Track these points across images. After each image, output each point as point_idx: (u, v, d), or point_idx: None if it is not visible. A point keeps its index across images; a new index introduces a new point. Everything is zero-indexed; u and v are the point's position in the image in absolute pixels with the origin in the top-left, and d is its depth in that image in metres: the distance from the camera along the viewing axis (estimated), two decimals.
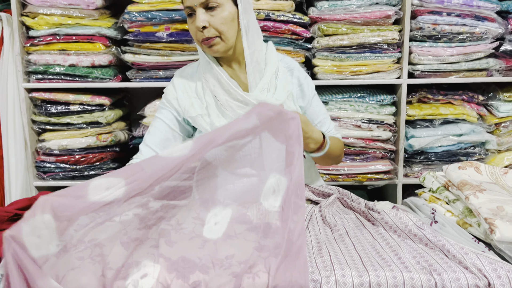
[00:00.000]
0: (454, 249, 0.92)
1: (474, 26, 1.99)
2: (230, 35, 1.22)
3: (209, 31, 1.20)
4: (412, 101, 2.11)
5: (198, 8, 1.19)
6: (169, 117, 1.35)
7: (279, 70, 1.31)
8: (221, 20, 1.19)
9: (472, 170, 1.28)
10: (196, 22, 1.18)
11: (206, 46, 1.22)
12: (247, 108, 1.22)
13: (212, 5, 1.18)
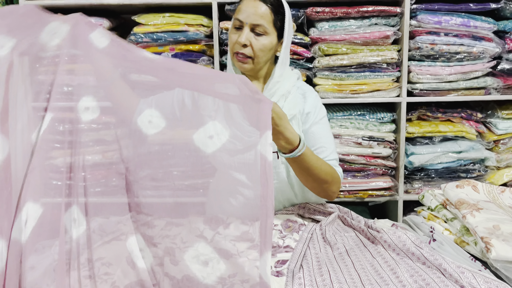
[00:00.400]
0: (450, 268, 0.94)
1: (471, 45, 2.04)
2: (262, 61, 1.34)
3: (247, 50, 1.31)
4: (412, 119, 2.15)
5: (247, 27, 1.30)
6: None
7: (290, 93, 1.38)
8: (261, 46, 1.30)
9: (469, 189, 1.30)
10: (240, 38, 1.29)
11: (237, 60, 1.33)
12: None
13: (260, 31, 1.30)
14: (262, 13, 1.29)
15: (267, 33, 1.31)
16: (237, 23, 1.32)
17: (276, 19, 1.32)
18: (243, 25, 1.31)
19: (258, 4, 1.29)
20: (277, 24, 1.33)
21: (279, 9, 1.33)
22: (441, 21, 2.01)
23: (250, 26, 1.30)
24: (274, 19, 1.32)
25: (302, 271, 0.97)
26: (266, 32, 1.31)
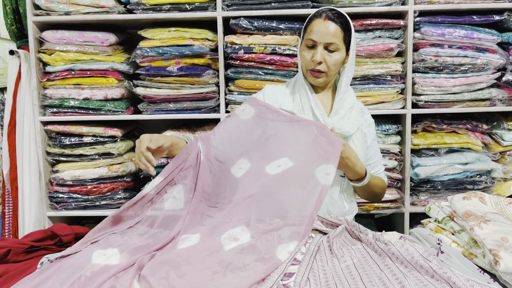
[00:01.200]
0: (460, 281, 0.93)
1: (475, 57, 2.04)
2: (333, 74, 1.48)
3: (322, 66, 1.44)
4: (417, 130, 2.15)
5: (321, 46, 1.42)
6: None
7: (354, 107, 1.53)
8: (334, 61, 1.44)
9: (476, 200, 1.29)
10: (315, 56, 1.42)
11: (312, 75, 1.46)
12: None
13: (333, 48, 1.43)
14: (334, 32, 1.42)
15: (339, 49, 1.44)
16: (310, 43, 1.44)
17: (345, 35, 1.45)
18: (316, 44, 1.43)
19: (330, 24, 1.42)
20: (346, 39, 1.45)
21: (347, 26, 1.45)
22: (445, 33, 2.02)
23: (324, 45, 1.42)
24: (344, 36, 1.44)
25: (309, 284, 0.97)
26: (338, 49, 1.44)
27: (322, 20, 1.42)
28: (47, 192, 2.16)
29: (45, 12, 2.07)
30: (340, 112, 1.49)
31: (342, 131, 1.45)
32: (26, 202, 2.11)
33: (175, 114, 2.11)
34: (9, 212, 2.20)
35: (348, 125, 1.47)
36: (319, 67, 1.43)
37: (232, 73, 2.10)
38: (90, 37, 2.07)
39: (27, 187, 2.10)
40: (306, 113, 1.48)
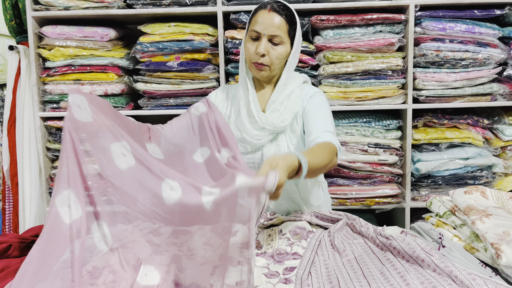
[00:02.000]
0: (461, 275, 0.93)
1: (476, 52, 2.03)
2: (277, 67, 1.43)
3: (265, 59, 1.39)
4: (418, 126, 2.14)
5: (265, 38, 1.38)
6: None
7: (293, 93, 1.46)
8: (277, 55, 1.39)
9: (478, 195, 1.29)
10: (259, 48, 1.37)
11: (256, 68, 1.41)
12: (254, 125, 1.41)
13: (277, 41, 1.38)
14: (278, 24, 1.37)
15: (283, 42, 1.39)
16: (254, 34, 1.39)
17: (290, 29, 1.40)
18: (260, 36, 1.38)
19: (274, 16, 1.37)
20: (291, 33, 1.41)
21: (292, 19, 1.40)
22: (446, 28, 2.01)
23: (268, 37, 1.38)
24: (289, 29, 1.39)
25: (310, 278, 0.96)
26: (282, 42, 1.39)
27: (267, 11, 1.37)
28: (47, 188, 2.15)
29: (45, 7, 2.06)
30: (276, 102, 1.43)
31: (275, 125, 1.39)
32: (26, 198, 2.11)
33: (175, 109, 2.11)
34: (9, 208, 2.20)
35: (282, 116, 1.41)
36: (262, 59, 1.39)
37: (232, 68, 2.09)
38: (90, 32, 2.06)
39: (27, 183, 2.10)
40: (241, 108, 1.44)
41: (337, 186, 2.13)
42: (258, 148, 1.43)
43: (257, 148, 1.43)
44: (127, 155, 1.24)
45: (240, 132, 1.44)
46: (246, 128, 1.42)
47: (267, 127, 1.40)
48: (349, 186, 2.13)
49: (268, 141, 1.43)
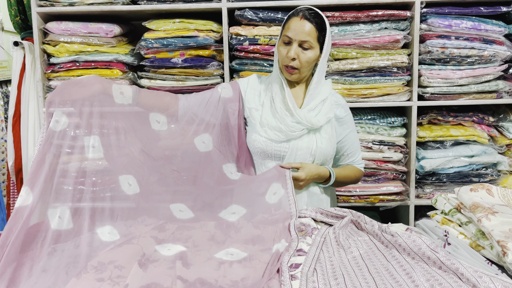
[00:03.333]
0: (468, 272, 0.92)
1: (482, 49, 2.02)
2: (307, 71, 1.53)
3: (295, 63, 1.49)
4: (423, 123, 2.13)
5: (295, 43, 1.47)
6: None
7: (327, 100, 1.58)
8: (307, 59, 1.49)
9: (484, 192, 1.28)
10: (290, 52, 1.48)
11: (287, 71, 1.52)
12: (292, 118, 1.52)
13: (306, 46, 1.48)
14: (308, 31, 1.47)
15: (312, 47, 1.49)
16: (286, 39, 1.49)
17: (320, 35, 1.49)
18: (291, 41, 1.48)
19: (305, 23, 1.47)
20: (321, 39, 1.50)
21: (322, 26, 1.50)
22: (452, 24, 2.00)
23: (298, 42, 1.47)
24: (318, 35, 1.49)
25: (316, 275, 0.96)
26: (311, 47, 1.49)
27: (298, 18, 1.48)
28: None
29: (49, 3, 2.06)
30: (311, 103, 1.55)
31: (312, 123, 1.51)
32: None
33: None
34: (14, 203, 2.21)
35: (317, 117, 1.53)
36: (292, 63, 1.49)
37: (237, 65, 2.09)
38: (95, 29, 2.06)
39: None
40: (276, 105, 1.54)
41: None
42: (289, 139, 1.52)
43: (289, 139, 1.52)
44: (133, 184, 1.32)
45: (276, 121, 1.53)
46: (284, 119, 1.52)
47: (304, 122, 1.50)
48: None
49: (301, 135, 1.53)
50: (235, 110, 1.57)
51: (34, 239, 1.11)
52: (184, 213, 1.36)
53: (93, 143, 1.29)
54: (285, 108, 1.53)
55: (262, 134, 1.53)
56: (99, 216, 1.21)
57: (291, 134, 1.51)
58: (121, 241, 1.13)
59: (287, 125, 1.51)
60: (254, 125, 1.56)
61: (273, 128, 1.52)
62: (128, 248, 1.10)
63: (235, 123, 1.57)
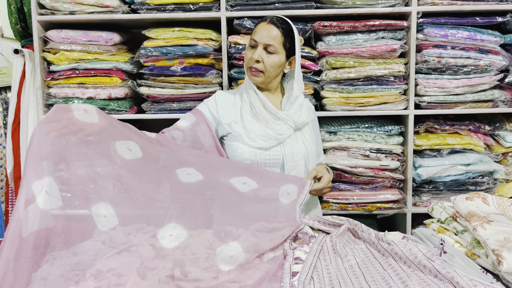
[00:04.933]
0: (463, 281, 0.94)
1: (478, 58, 2.05)
2: (271, 76, 1.58)
3: (260, 65, 1.54)
4: (419, 131, 2.15)
5: (261, 46, 1.53)
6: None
7: (303, 105, 1.66)
8: (271, 63, 1.54)
9: (479, 201, 1.30)
10: (254, 54, 1.53)
11: (251, 73, 1.57)
12: (276, 120, 1.57)
13: (271, 50, 1.54)
14: (274, 35, 1.53)
15: (277, 52, 1.54)
16: (253, 42, 1.55)
17: (286, 41, 1.55)
18: (257, 44, 1.54)
19: (271, 27, 1.53)
20: (286, 45, 1.55)
21: (288, 33, 1.55)
22: (448, 34, 2.02)
23: (263, 46, 1.53)
24: (284, 41, 1.54)
25: (313, 283, 0.97)
26: (276, 51, 1.54)
27: (265, 23, 1.54)
28: None
29: (50, 12, 2.08)
30: (291, 109, 1.62)
31: (296, 121, 1.58)
32: None
33: (179, 113, 2.12)
34: (12, 210, 2.21)
35: (302, 119, 1.62)
36: (256, 65, 1.53)
37: (235, 73, 2.11)
38: (94, 37, 2.08)
39: None
40: (257, 111, 1.58)
41: (339, 191, 2.14)
42: (278, 143, 1.56)
43: (278, 143, 1.56)
44: (134, 149, 1.29)
45: (261, 128, 1.56)
46: (269, 123, 1.56)
47: (289, 122, 1.56)
48: (350, 191, 2.13)
49: (288, 136, 1.57)
50: (204, 132, 1.60)
51: (33, 247, 1.11)
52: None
53: None
54: (267, 112, 1.58)
55: (249, 143, 1.55)
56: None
57: (279, 137, 1.55)
58: (119, 249, 1.13)
59: (273, 129, 1.55)
60: (239, 137, 1.57)
61: (260, 135, 1.55)
62: (127, 256, 1.10)
63: (209, 145, 1.59)
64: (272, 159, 1.56)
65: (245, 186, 1.40)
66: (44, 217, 1.08)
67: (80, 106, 1.26)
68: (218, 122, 1.62)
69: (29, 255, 1.03)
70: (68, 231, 1.17)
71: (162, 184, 1.38)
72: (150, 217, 1.34)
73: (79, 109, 1.25)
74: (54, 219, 1.12)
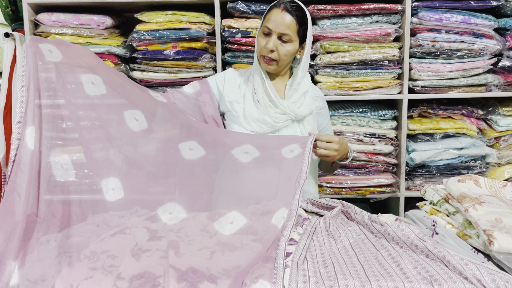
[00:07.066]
0: (454, 260, 0.95)
1: (472, 43, 2.04)
2: (285, 63, 1.54)
3: (273, 54, 1.50)
4: (413, 116, 2.16)
5: (275, 35, 1.48)
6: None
7: (308, 92, 1.61)
8: (286, 52, 1.50)
9: (471, 183, 1.31)
10: (268, 44, 1.48)
11: (264, 62, 1.53)
12: (276, 109, 1.53)
13: (286, 39, 1.49)
14: (288, 24, 1.47)
15: (292, 41, 1.49)
16: (266, 30, 1.50)
17: (300, 29, 1.50)
18: (271, 32, 1.48)
19: (286, 15, 1.47)
20: (300, 33, 1.51)
21: (303, 20, 1.50)
22: (442, 18, 2.02)
23: (278, 35, 1.48)
24: (298, 29, 1.49)
25: (306, 263, 0.98)
26: (291, 40, 1.49)
27: (280, 10, 1.47)
28: None
29: None
30: (293, 96, 1.57)
31: (296, 113, 1.53)
32: None
33: None
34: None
35: (301, 109, 1.56)
36: (271, 55, 1.49)
37: (229, 57, 2.09)
38: (86, 20, 2.05)
39: None
40: (259, 96, 1.55)
41: (332, 176, 2.15)
42: (274, 130, 1.54)
43: (273, 131, 1.54)
44: (99, 85, 1.29)
45: (260, 113, 1.53)
46: (268, 110, 1.52)
47: (289, 113, 1.52)
48: (344, 175, 2.14)
49: (285, 126, 1.54)
50: (206, 102, 1.58)
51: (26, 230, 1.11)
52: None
53: None
54: (268, 99, 1.54)
55: (245, 126, 1.53)
56: (92, 206, 1.21)
57: (275, 125, 1.52)
58: (113, 231, 1.14)
59: (271, 116, 1.51)
60: (236, 118, 1.56)
61: (257, 120, 1.53)
62: (121, 238, 1.11)
63: (209, 115, 1.57)
64: None
65: (246, 155, 1.37)
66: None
67: (47, 46, 1.24)
68: (221, 97, 1.61)
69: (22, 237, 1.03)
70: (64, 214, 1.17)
71: (164, 159, 1.38)
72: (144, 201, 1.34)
73: (46, 48, 1.24)
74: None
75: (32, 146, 1.14)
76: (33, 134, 1.17)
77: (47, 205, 1.15)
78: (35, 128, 1.18)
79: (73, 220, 1.16)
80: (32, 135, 1.16)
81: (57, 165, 1.25)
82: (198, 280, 0.92)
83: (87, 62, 1.33)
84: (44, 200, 1.16)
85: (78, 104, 1.29)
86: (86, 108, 1.29)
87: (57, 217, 1.16)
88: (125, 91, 1.40)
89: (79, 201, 1.21)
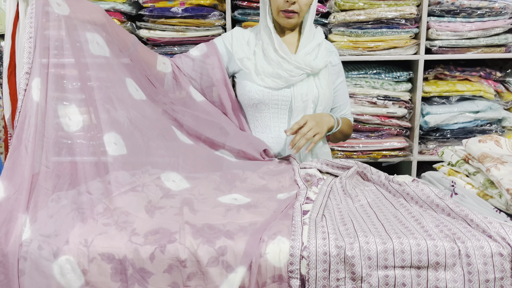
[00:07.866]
0: (477, 218, 0.92)
1: (493, 1, 1.96)
2: (304, 14, 1.49)
3: (295, 6, 1.44)
4: (429, 78, 2.09)
5: None
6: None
7: (322, 44, 1.55)
8: (306, 2, 1.45)
9: (492, 144, 1.27)
10: None
11: (284, 16, 1.46)
12: (289, 64, 1.47)
13: None
14: None
15: None
16: None
17: None
18: None
19: None
20: None
21: None
22: None
23: None
24: None
25: (324, 221, 0.96)
26: None
27: None
28: None
29: None
30: (307, 47, 1.52)
31: (311, 66, 1.48)
32: None
33: None
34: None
35: (316, 61, 1.50)
36: (292, 7, 1.44)
37: (239, 15, 2.01)
38: None
39: None
40: (268, 53, 1.50)
41: None
42: (289, 85, 1.48)
43: (288, 85, 1.48)
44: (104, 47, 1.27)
45: (273, 68, 1.48)
46: (282, 64, 1.47)
47: (303, 67, 1.47)
48: (356, 139, 2.11)
49: (300, 80, 1.49)
50: (214, 64, 1.53)
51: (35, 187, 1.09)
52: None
53: None
54: (279, 57, 1.49)
55: (258, 82, 1.48)
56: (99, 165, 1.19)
57: (290, 79, 1.47)
58: (126, 189, 1.11)
59: (286, 70, 1.47)
60: (248, 75, 1.50)
61: (271, 75, 1.48)
62: (133, 195, 1.08)
63: (217, 78, 1.53)
64: (280, 100, 1.49)
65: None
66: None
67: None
68: (231, 57, 1.55)
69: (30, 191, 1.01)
70: (72, 172, 1.15)
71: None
72: (153, 162, 1.32)
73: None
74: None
75: (37, 98, 1.11)
76: (38, 86, 1.13)
77: (54, 164, 1.13)
78: (41, 80, 1.14)
79: (81, 178, 1.13)
80: (37, 87, 1.12)
81: (64, 124, 1.22)
82: (215, 236, 0.90)
83: (95, 20, 1.29)
84: (51, 159, 1.13)
85: (81, 63, 1.25)
86: (93, 68, 1.26)
87: (66, 175, 1.14)
88: (128, 64, 1.37)
89: (87, 160, 1.18)
